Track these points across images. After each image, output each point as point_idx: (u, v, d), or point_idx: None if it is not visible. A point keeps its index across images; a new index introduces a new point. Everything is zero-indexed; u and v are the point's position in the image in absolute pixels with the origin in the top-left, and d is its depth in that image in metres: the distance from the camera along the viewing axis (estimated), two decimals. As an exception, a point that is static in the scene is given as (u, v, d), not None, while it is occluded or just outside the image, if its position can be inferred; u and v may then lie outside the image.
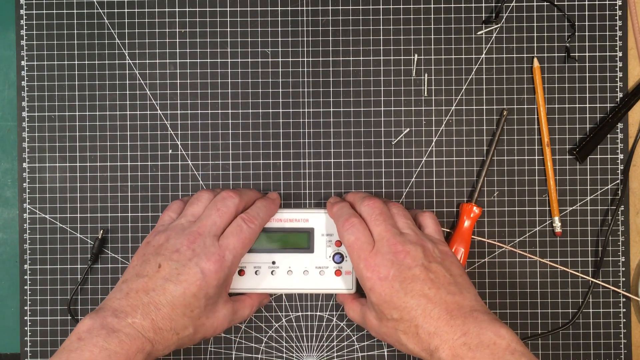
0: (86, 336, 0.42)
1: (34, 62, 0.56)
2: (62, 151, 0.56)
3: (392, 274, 0.44)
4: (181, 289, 0.45)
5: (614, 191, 0.56)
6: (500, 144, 0.56)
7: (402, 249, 0.45)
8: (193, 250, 0.46)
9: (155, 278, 0.45)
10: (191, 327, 0.46)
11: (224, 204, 0.49)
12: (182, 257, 0.46)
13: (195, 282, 0.45)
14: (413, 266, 0.44)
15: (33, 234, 0.56)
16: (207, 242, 0.47)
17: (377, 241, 0.47)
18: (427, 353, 0.43)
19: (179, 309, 0.44)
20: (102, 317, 0.43)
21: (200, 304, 0.45)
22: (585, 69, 0.56)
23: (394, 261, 0.45)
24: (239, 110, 0.56)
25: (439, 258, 0.46)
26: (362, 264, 0.46)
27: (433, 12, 0.56)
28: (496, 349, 0.40)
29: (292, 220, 0.53)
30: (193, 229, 0.47)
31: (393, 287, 0.44)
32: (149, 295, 0.44)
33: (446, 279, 0.44)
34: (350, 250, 0.47)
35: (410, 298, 0.43)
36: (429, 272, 0.44)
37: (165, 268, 0.45)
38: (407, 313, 0.43)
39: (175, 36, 0.56)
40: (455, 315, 0.42)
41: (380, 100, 0.56)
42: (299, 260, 0.53)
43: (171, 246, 0.46)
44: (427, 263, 0.45)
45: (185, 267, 0.45)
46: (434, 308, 0.43)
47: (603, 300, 0.56)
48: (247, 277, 0.53)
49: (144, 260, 0.47)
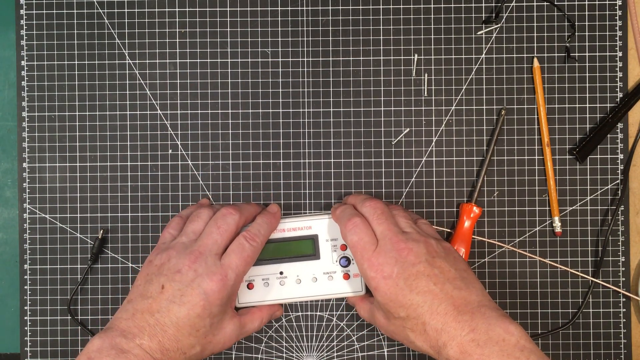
0: (96, 356, 0.42)
1: (34, 62, 0.56)
2: (62, 151, 0.56)
3: (396, 271, 0.44)
4: (185, 310, 0.45)
5: (614, 191, 0.56)
6: (501, 144, 0.56)
7: (405, 246, 0.45)
8: (195, 271, 0.46)
9: (159, 299, 0.45)
10: (198, 345, 0.46)
11: (224, 221, 0.49)
12: (184, 278, 0.46)
13: (199, 302, 0.45)
14: (417, 263, 0.44)
15: (33, 234, 0.56)
16: (209, 262, 0.46)
17: (380, 240, 0.47)
18: (435, 350, 0.43)
19: (184, 329, 0.45)
20: (111, 337, 0.43)
21: (205, 323, 0.45)
22: (585, 69, 0.56)
23: (398, 259, 0.45)
24: (239, 110, 0.56)
25: (442, 253, 0.46)
26: (366, 264, 0.46)
27: (433, 12, 0.56)
28: (505, 345, 0.40)
29: (296, 229, 0.53)
30: (194, 248, 0.47)
31: (398, 285, 0.44)
32: (154, 317, 0.44)
33: (451, 274, 0.44)
34: (354, 250, 0.47)
35: (415, 295, 0.43)
36: (433, 267, 0.44)
37: (168, 289, 0.45)
38: (413, 310, 0.43)
39: (175, 36, 0.56)
40: (462, 310, 0.42)
41: (380, 100, 0.56)
42: (307, 268, 0.53)
43: (173, 266, 0.46)
44: (430, 259, 0.45)
45: (188, 288, 0.45)
46: (441, 304, 0.43)
47: (603, 300, 0.56)
48: (256, 289, 0.52)
49: (147, 280, 0.47)
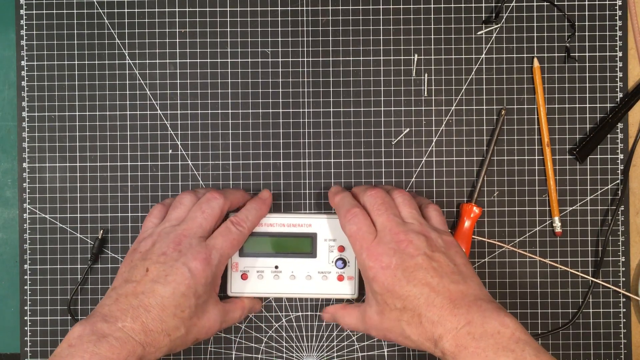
0: (77, 342, 0.42)
1: (34, 62, 0.56)
2: (62, 151, 0.56)
3: (394, 262, 0.44)
4: (170, 289, 0.45)
5: (614, 191, 0.56)
6: (501, 144, 0.56)
7: (404, 238, 0.45)
8: (179, 251, 0.46)
9: (143, 282, 0.45)
10: (183, 327, 0.45)
11: (208, 205, 0.49)
12: (169, 259, 0.46)
13: (184, 281, 0.45)
14: (416, 255, 0.44)
15: (33, 234, 0.56)
16: (194, 242, 0.47)
17: (379, 231, 0.46)
18: (431, 342, 0.42)
19: (169, 309, 0.44)
20: (92, 323, 0.43)
21: (190, 303, 0.45)
22: (585, 69, 0.56)
23: (397, 250, 0.45)
24: (239, 110, 0.56)
25: (442, 247, 0.46)
26: (364, 254, 0.46)
27: (433, 12, 0.56)
28: (500, 338, 0.40)
29: (295, 225, 0.53)
30: (178, 232, 0.47)
31: (395, 276, 0.44)
32: (138, 299, 0.44)
33: (449, 268, 0.44)
34: (352, 240, 0.47)
35: (413, 286, 0.43)
36: (432, 260, 0.44)
37: (153, 271, 0.45)
38: (410, 302, 0.43)
39: (175, 36, 0.56)
40: (458, 304, 0.42)
41: (380, 100, 0.56)
42: (302, 265, 0.53)
43: (157, 250, 0.46)
44: (430, 252, 0.45)
45: (172, 268, 0.45)
46: (437, 296, 0.42)
47: (603, 300, 0.56)
48: (250, 281, 0.53)
49: (132, 266, 0.47)
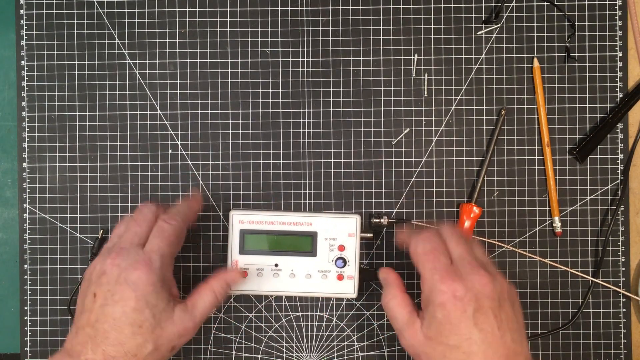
0: None
1: (34, 62, 0.56)
2: (62, 151, 0.56)
3: (468, 297, 0.42)
4: (119, 308, 0.43)
5: (614, 191, 0.56)
6: (501, 144, 0.56)
7: (485, 276, 0.43)
8: (118, 266, 0.44)
9: (94, 309, 0.44)
10: (149, 343, 0.44)
11: (140, 213, 0.48)
12: (110, 278, 0.44)
13: (131, 295, 0.43)
14: (491, 298, 0.43)
15: (33, 234, 0.56)
16: (131, 253, 0.45)
17: (456, 260, 0.45)
18: None
19: (125, 329, 0.43)
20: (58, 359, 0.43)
21: (145, 315, 0.44)
22: (585, 69, 0.56)
23: (474, 286, 0.43)
24: (239, 110, 0.56)
25: (511, 299, 0.44)
26: (437, 276, 0.44)
27: (433, 12, 0.56)
28: None
29: (296, 224, 0.53)
30: (116, 247, 0.46)
31: (466, 312, 0.42)
32: (94, 328, 0.43)
33: (513, 325, 0.43)
34: (424, 258, 0.45)
35: (478, 331, 0.42)
36: (502, 311, 0.43)
37: (99, 295, 0.44)
38: (467, 345, 0.42)
39: (175, 36, 0.56)
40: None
41: (380, 100, 0.56)
42: (302, 264, 0.53)
43: (98, 271, 0.45)
44: (502, 300, 0.43)
45: (116, 286, 0.44)
46: (495, 351, 0.41)
47: (603, 300, 0.56)
48: (249, 278, 0.53)
49: (83, 295, 0.46)
